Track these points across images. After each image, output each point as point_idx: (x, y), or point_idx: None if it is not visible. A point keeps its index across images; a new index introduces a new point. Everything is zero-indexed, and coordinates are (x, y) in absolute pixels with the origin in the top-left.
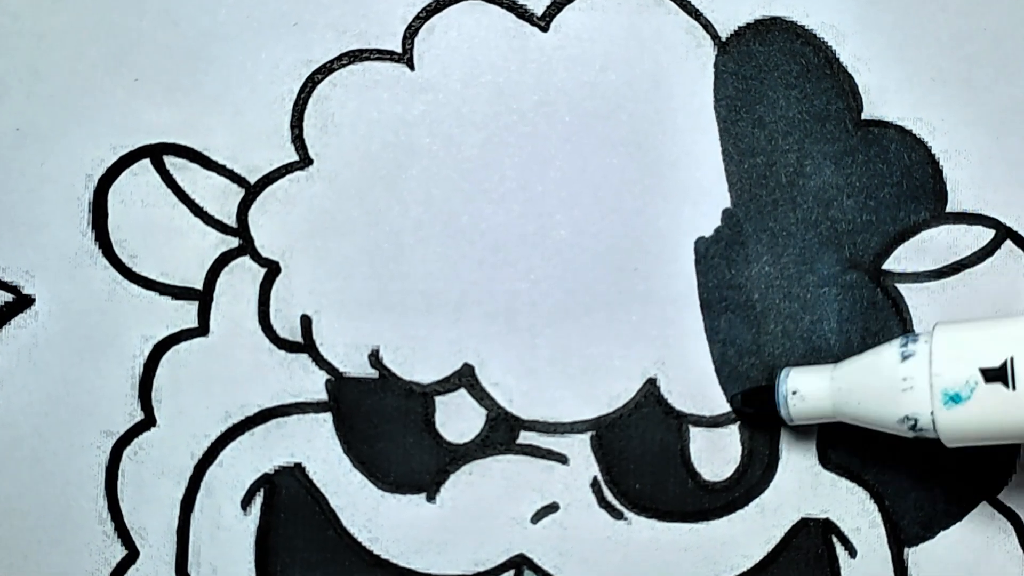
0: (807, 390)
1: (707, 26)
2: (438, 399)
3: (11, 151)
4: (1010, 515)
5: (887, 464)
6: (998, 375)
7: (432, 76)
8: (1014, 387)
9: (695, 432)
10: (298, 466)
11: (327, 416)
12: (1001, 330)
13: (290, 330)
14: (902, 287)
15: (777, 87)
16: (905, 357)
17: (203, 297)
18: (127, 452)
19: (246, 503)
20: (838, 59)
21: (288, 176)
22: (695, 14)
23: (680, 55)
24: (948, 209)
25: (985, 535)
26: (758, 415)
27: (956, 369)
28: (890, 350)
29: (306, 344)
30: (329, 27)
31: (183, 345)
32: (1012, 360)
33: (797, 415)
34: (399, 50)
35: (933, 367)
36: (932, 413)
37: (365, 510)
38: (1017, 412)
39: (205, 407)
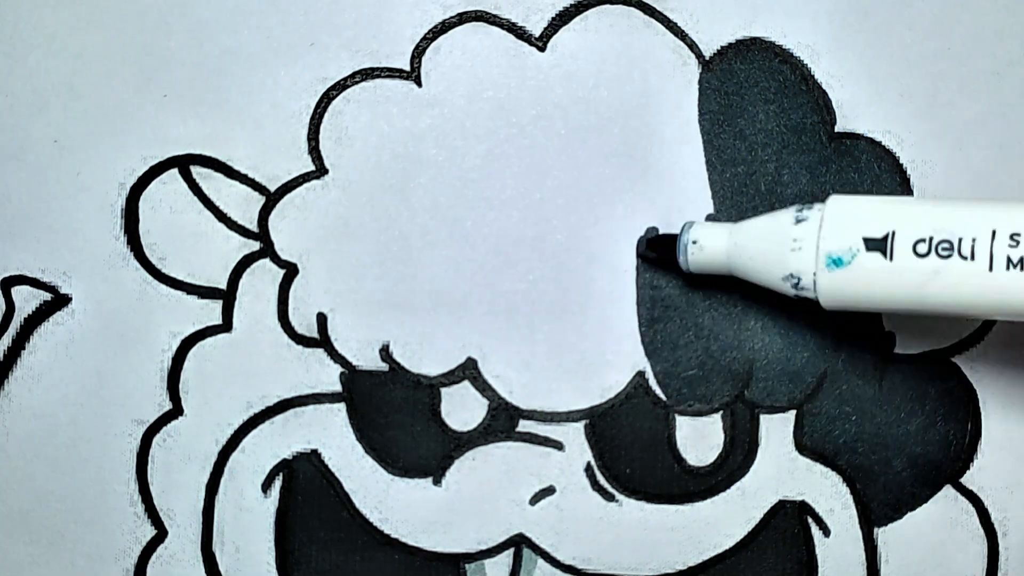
0: (706, 242)
1: (692, 46)
2: (444, 390)
3: (49, 161)
4: (972, 497)
5: (859, 450)
6: (878, 245)
7: (438, 92)
8: (891, 258)
9: (681, 421)
10: (314, 452)
11: (341, 406)
12: (889, 206)
13: (307, 327)
14: None
15: (757, 102)
16: (798, 221)
17: (227, 296)
18: (156, 439)
19: (266, 486)
20: (813, 76)
21: (305, 185)
22: (681, 35)
23: (667, 73)
24: None
25: (949, 516)
26: (660, 261)
27: (841, 235)
28: (786, 214)
29: (322, 340)
30: (343, 47)
31: (208, 341)
32: (893, 233)
33: (694, 264)
34: (407, 68)
35: (822, 231)
36: (814, 274)
37: (376, 493)
38: (890, 281)
39: (229, 398)
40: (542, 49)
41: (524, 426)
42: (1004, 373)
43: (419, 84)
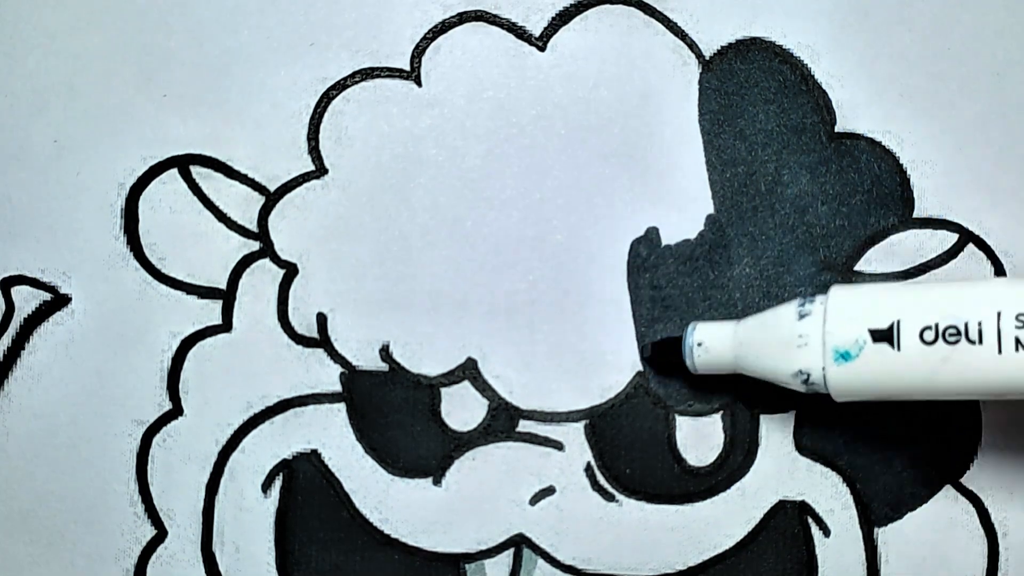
0: (711, 343)
1: (692, 46)
2: (444, 390)
3: (49, 162)
4: (972, 498)
5: (859, 450)
6: (885, 336)
7: (438, 92)
8: (899, 348)
9: (681, 421)
10: (314, 452)
11: (341, 406)
12: (890, 294)
13: (307, 327)
14: None
15: (757, 102)
16: (802, 316)
17: (227, 296)
18: (156, 439)
19: (266, 486)
20: (813, 76)
21: (305, 185)
22: (681, 35)
23: (667, 73)
24: (915, 215)
25: (949, 516)
26: (666, 364)
27: (847, 329)
28: (789, 308)
29: (322, 340)
30: (343, 47)
31: (208, 341)
32: (898, 323)
33: (701, 365)
34: (407, 68)
35: (826, 326)
36: (823, 369)
37: (376, 493)
38: (900, 371)
39: (228, 398)
40: (542, 49)
41: (524, 426)
42: None
43: (419, 84)
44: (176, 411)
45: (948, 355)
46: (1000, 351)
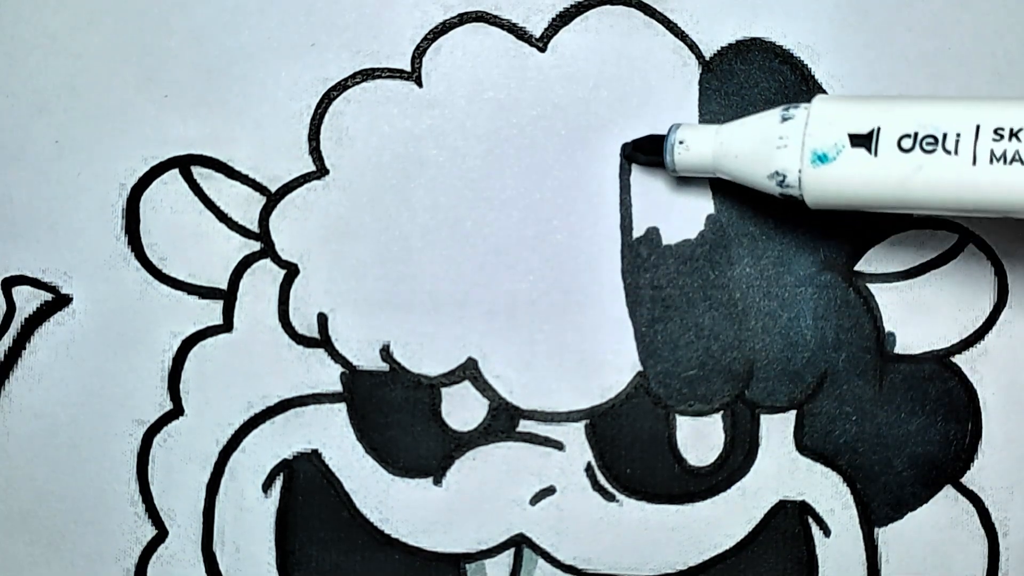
0: (692, 142)
1: (692, 47)
2: (444, 390)
3: (50, 162)
4: (972, 497)
5: (859, 450)
6: (863, 141)
7: (439, 93)
8: (876, 153)
9: (681, 421)
10: (315, 452)
11: (342, 406)
12: (874, 104)
13: (307, 327)
14: (872, 287)
15: (757, 102)
16: (784, 119)
17: (227, 296)
18: (157, 439)
19: (267, 486)
20: (814, 76)
21: (306, 185)
22: (681, 35)
23: (667, 73)
24: (915, 215)
25: (950, 516)
26: (646, 162)
27: (827, 132)
28: (773, 113)
29: (322, 340)
30: (343, 48)
31: (209, 341)
32: (878, 129)
33: (681, 164)
34: (408, 69)
35: (807, 128)
36: (800, 171)
37: (376, 493)
38: (874, 176)
39: (229, 398)
40: (542, 50)
41: (524, 426)
42: (1004, 373)
43: (419, 84)
44: (177, 411)
45: (923, 163)
46: (975, 163)
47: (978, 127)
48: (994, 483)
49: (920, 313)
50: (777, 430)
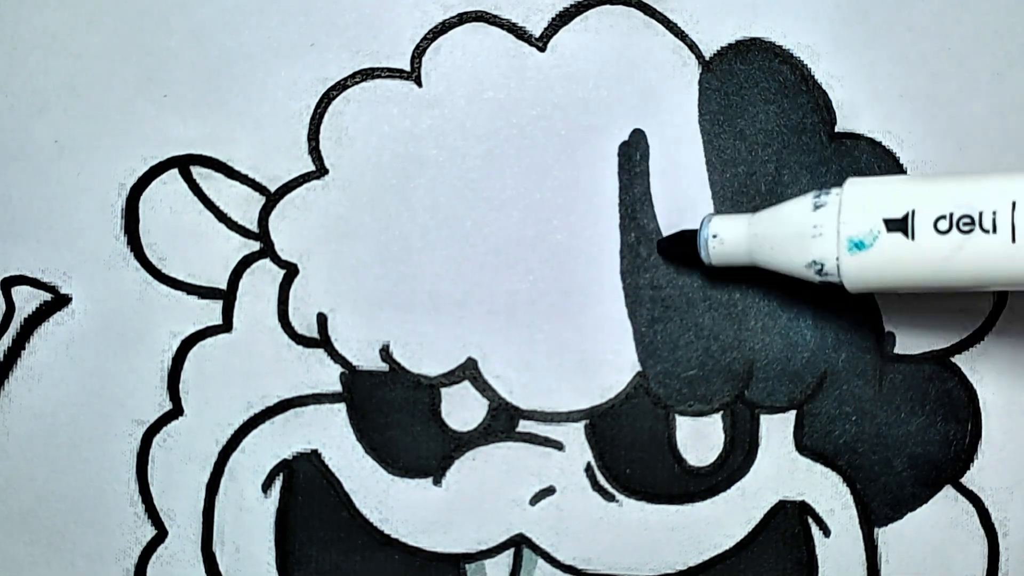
0: (726, 235)
1: (692, 46)
2: (444, 390)
3: (50, 162)
4: (972, 498)
5: (859, 450)
6: (899, 226)
7: (438, 93)
8: (913, 237)
9: (681, 421)
10: (315, 452)
11: (341, 406)
12: (906, 186)
13: (307, 327)
14: None
15: (757, 102)
16: (817, 207)
17: (227, 296)
18: (157, 439)
19: (266, 486)
20: (813, 76)
21: (305, 185)
22: (681, 35)
23: (667, 73)
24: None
25: (949, 516)
26: (681, 256)
27: (861, 218)
28: (804, 200)
29: (322, 340)
30: (343, 48)
31: (208, 341)
32: (913, 213)
33: (716, 257)
34: (408, 69)
35: (841, 216)
36: (837, 258)
37: (376, 493)
38: (914, 260)
39: (229, 398)
40: (542, 49)
41: (524, 426)
42: (1004, 373)
43: (419, 84)
44: (176, 411)
45: (962, 244)
46: (1014, 240)
47: (1014, 203)
48: (994, 483)
49: (920, 313)
50: (777, 430)
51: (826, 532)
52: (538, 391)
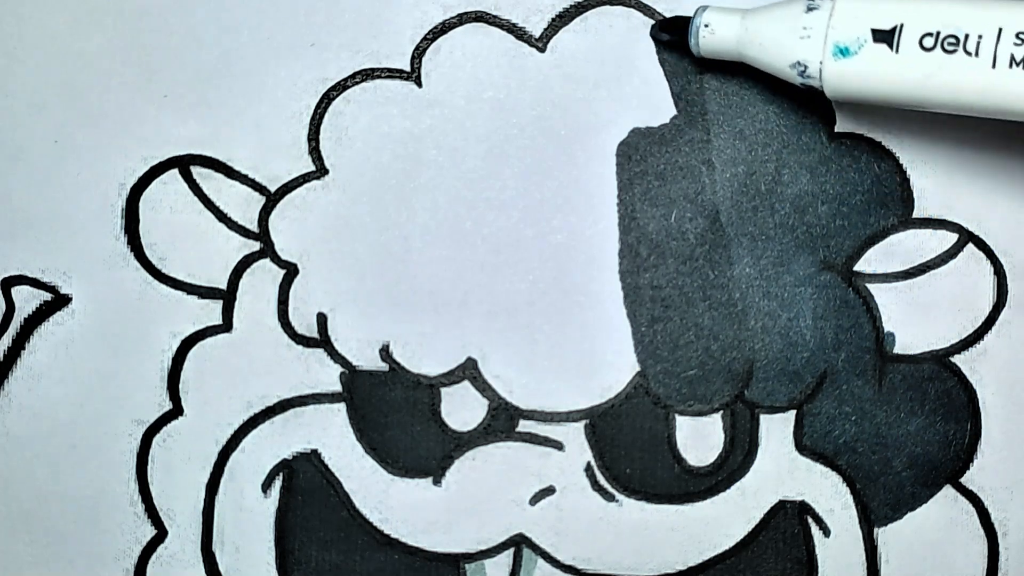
0: (718, 26)
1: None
2: (444, 390)
3: (50, 162)
4: (972, 497)
5: (859, 450)
6: (886, 37)
7: (438, 93)
8: (897, 50)
9: (681, 421)
10: (314, 452)
11: (341, 406)
12: (899, 0)
13: (307, 327)
14: (872, 287)
15: (757, 103)
16: (809, 9)
17: (227, 296)
18: (156, 439)
19: (266, 486)
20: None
21: (305, 185)
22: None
23: (667, 73)
24: (915, 215)
25: (949, 516)
26: (671, 43)
27: (850, 25)
28: (798, 3)
29: (322, 340)
30: (343, 48)
31: (208, 341)
32: (901, 26)
33: (705, 47)
34: (408, 69)
35: (831, 20)
36: (821, 62)
37: (376, 493)
38: (894, 73)
39: (229, 398)
40: (542, 50)
41: (524, 426)
42: (1004, 373)
43: (419, 85)
44: (176, 411)
45: (943, 63)
46: (994, 66)
47: (1000, 30)
48: (994, 483)
49: (919, 313)
50: (777, 430)
51: (826, 532)
52: (538, 391)
